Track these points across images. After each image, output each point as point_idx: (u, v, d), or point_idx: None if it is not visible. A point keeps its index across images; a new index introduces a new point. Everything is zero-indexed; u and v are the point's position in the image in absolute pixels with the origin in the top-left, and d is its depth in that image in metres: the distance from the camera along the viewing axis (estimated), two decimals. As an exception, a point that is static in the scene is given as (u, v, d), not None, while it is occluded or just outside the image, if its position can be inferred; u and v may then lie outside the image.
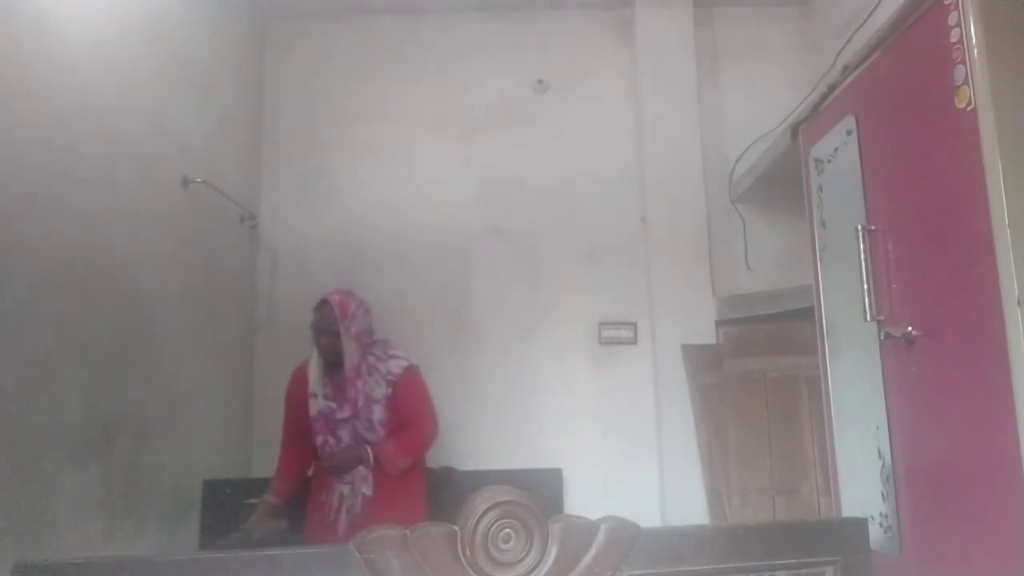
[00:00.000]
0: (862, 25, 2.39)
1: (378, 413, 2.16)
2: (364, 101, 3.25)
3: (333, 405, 2.16)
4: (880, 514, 1.70)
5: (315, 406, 2.17)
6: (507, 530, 0.72)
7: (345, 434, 2.15)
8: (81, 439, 1.90)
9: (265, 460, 2.93)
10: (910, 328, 1.57)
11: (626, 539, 0.74)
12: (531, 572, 0.72)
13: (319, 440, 2.17)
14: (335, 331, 2.15)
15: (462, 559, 0.71)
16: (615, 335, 3.08)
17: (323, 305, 2.19)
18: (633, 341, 3.07)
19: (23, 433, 1.69)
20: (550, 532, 0.73)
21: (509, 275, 3.13)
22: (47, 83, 1.82)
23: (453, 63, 3.29)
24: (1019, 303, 1.25)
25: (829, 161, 1.98)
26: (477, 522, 0.72)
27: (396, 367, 2.22)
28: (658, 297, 2.99)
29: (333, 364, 2.19)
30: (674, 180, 3.05)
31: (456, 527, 0.72)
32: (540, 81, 3.26)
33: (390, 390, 2.19)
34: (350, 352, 2.15)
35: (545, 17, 3.31)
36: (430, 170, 3.20)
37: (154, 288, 2.29)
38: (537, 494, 0.75)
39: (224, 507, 2.53)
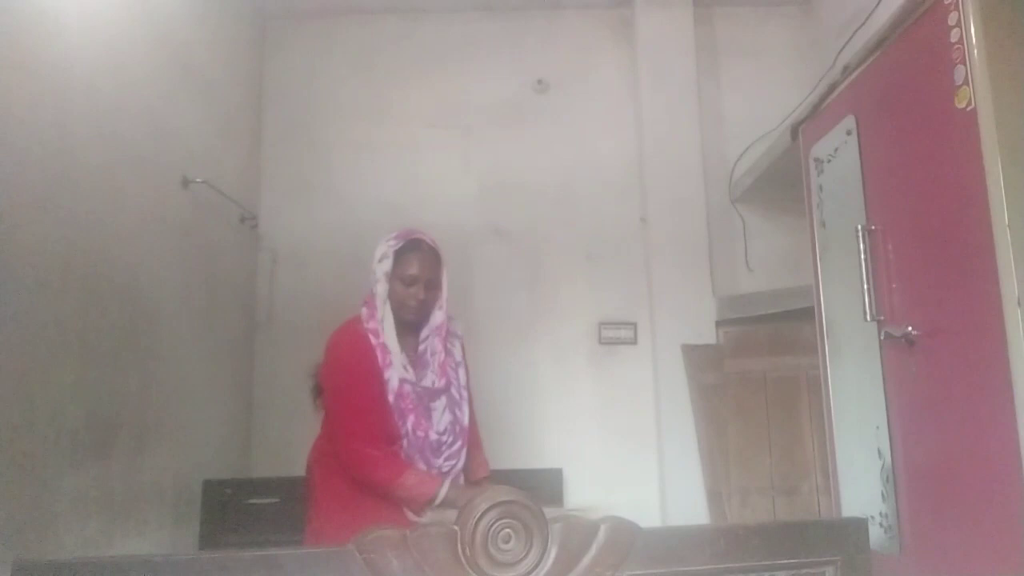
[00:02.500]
0: (862, 25, 2.39)
1: (463, 377, 1.85)
2: (364, 101, 3.25)
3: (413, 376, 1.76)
4: (880, 514, 1.71)
5: (396, 378, 1.71)
6: (507, 530, 0.72)
7: (439, 408, 1.77)
8: (81, 439, 1.89)
9: (265, 460, 2.95)
10: (910, 328, 1.57)
11: (626, 539, 0.74)
12: (531, 572, 0.72)
13: (409, 422, 1.70)
14: (437, 279, 1.78)
15: (462, 559, 0.71)
16: (615, 335, 3.08)
17: (415, 246, 1.78)
18: (633, 341, 3.07)
19: (23, 433, 1.69)
20: (550, 532, 0.73)
21: (509, 275, 3.13)
22: (47, 83, 1.81)
23: (453, 63, 3.29)
24: (1019, 303, 1.25)
25: (829, 161, 1.98)
26: (477, 522, 0.72)
27: (457, 327, 1.91)
28: (658, 297, 2.99)
29: (410, 324, 1.79)
30: (674, 180, 3.04)
31: (456, 527, 0.72)
32: (540, 81, 3.26)
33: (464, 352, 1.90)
34: (445, 304, 1.81)
35: (545, 17, 3.30)
36: (430, 170, 3.20)
37: (154, 288, 2.29)
38: (537, 494, 0.75)
39: (224, 507, 2.53)
